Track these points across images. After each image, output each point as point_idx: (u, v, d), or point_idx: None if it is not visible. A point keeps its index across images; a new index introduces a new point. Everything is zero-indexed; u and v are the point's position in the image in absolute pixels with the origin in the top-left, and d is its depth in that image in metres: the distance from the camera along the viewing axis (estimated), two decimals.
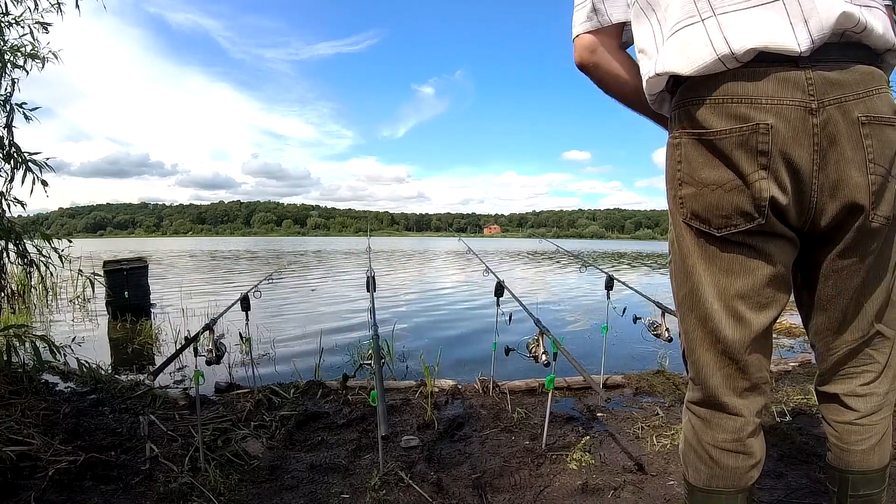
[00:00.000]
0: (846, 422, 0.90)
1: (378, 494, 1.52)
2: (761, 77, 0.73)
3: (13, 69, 2.65)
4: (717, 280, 0.81)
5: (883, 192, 0.76)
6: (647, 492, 1.56)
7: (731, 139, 0.74)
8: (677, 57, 0.77)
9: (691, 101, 0.78)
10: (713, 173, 0.77)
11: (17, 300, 3.08)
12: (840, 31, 0.72)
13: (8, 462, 1.59)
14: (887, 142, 0.74)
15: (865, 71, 0.74)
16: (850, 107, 0.72)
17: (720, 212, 0.77)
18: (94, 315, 5.39)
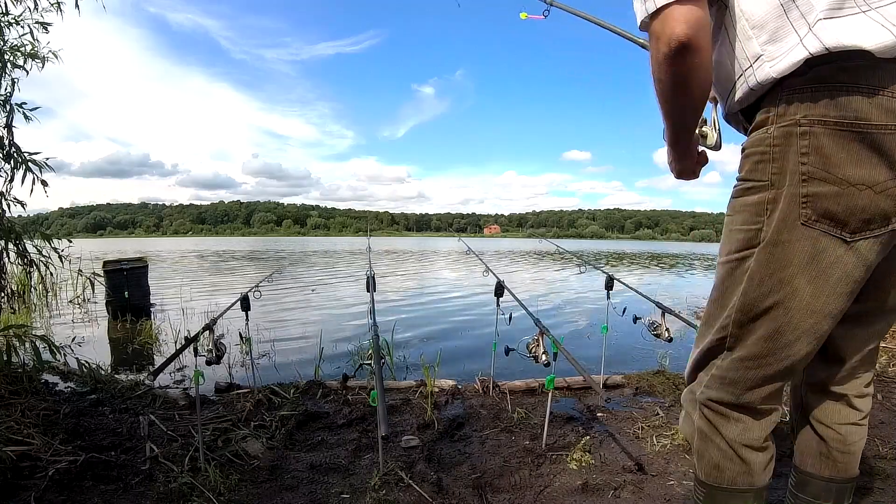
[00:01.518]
0: (851, 423, 0.90)
1: (378, 494, 1.52)
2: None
3: (13, 69, 2.65)
4: (818, 294, 0.76)
5: None
6: (647, 492, 1.56)
7: (893, 136, 0.68)
8: (859, 33, 0.67)
9: (838, 88, 0.70)
10: (862, 171, 0.70)
11: (17, 300, 3.08)
12: None
13: (8, 462, 1.59)
14: None
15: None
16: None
17: (864, 214, 0.71)
18: (94, 315, 5.39)
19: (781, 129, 0.74)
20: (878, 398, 2.38)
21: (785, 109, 0.73)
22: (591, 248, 40.09)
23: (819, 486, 0.93)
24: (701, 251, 38.58)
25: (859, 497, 1.52)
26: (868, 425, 0.92)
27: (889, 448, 1.84)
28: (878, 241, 0.73)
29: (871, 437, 1.95)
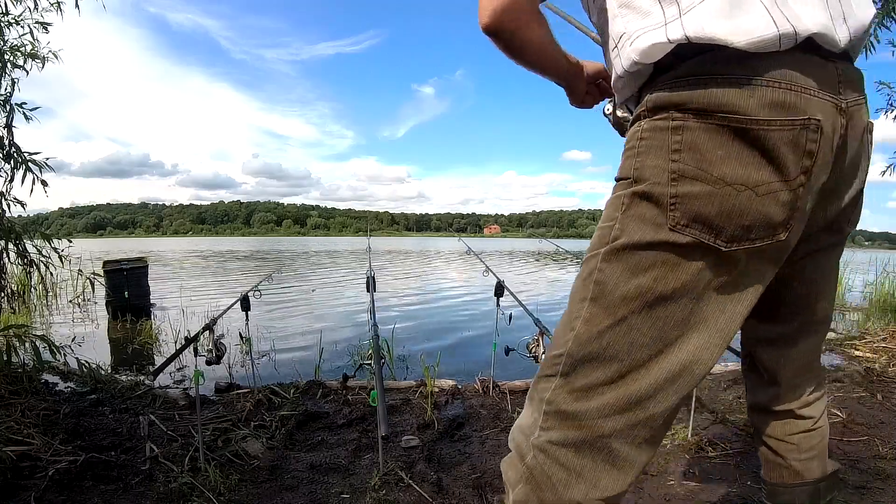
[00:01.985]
0: (802, 431, 0.86)
1: (378, 494, 1.52)
2: (808, 64, 0.61)
3: (13, 69, 2.65)
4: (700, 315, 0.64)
5: (856, 201, 0.74)
6: (647, 492, 1.56)
7: (780, 133, 0.59)
8: (725, 23, 0.60)
9: (715, 79, 0.61)
10: (742, 170, 0.60)
11: (17, 300, 3.08)
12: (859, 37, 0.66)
13: (8, 462, 1.59)
14: (868, 150, 0.72)
15: (860, 73, 0.68)
16: (862, 111, 0.66)
17: (742, 220, 0.60)
18: (94, 315, 5.39)
19: (653, 122, 0.65)
20: (879, 398, 2.38)
21: (657, 102, 0.65)
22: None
23: (788, 494, 0.89)
24: None
25: (859, 497, 1.52)
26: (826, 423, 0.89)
27: (889, 448, 1.84)
28: (762, 254, 0.62)
29: (871, 437, 1.95)
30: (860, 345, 3.55)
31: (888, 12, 3.39)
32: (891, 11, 3.38)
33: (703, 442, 1.88)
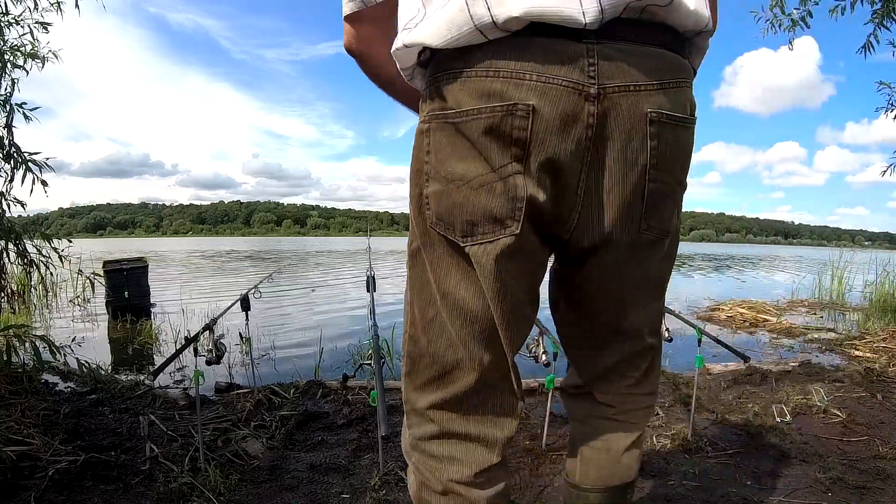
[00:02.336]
0: (605, 417, 0.82)
1: (378, 494, 1.52)
2: (529, 48, 0.57)
3: (13, 69, 2.65)
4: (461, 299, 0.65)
5: (661, 204, 0.65)
6: (646, 492, 1.56)
7: (481, 121, 0.58)
8: (429, 24, 0.60)
9: (443, 76, 0.61)
10: (460, 165, 0.60)
11: (17, 300, 3.08)
12: (639, 3, 0.57)
13: (8, 462, 1.59)
14: (677, 146, 0.63)
15: (665, 58, 0.61)
16: (640, 98, 0.59)
17: (464, 215, 0.61)
18: (94, 315, 5.39)
19: (417, 128, 0.66)
20: (879, 398, 2.38)
21: (421, 107, 0.66)
22: None
23: (588, 498, 0.83)
24: (701, 251, 38.57)
25: (859, 497, 1.52)
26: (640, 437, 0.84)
27: (889, 448, 1.84)
28: (496, 248, 0.61)
29: (871, 437, 1.95)
30: (860, 345, 3.55)
31: (888, 12, 3.39)
32: (891, 12, 3.38)
33: (703, 442, 1.88)
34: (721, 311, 5.48)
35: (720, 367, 2.90)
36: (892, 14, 3.38)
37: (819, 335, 4.18)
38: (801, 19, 3.62)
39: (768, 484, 1.60)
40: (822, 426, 2.07)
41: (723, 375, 2.77)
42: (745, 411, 2.21)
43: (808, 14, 3.58)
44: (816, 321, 5.11)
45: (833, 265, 7.03)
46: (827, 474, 1.64)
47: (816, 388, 2.41)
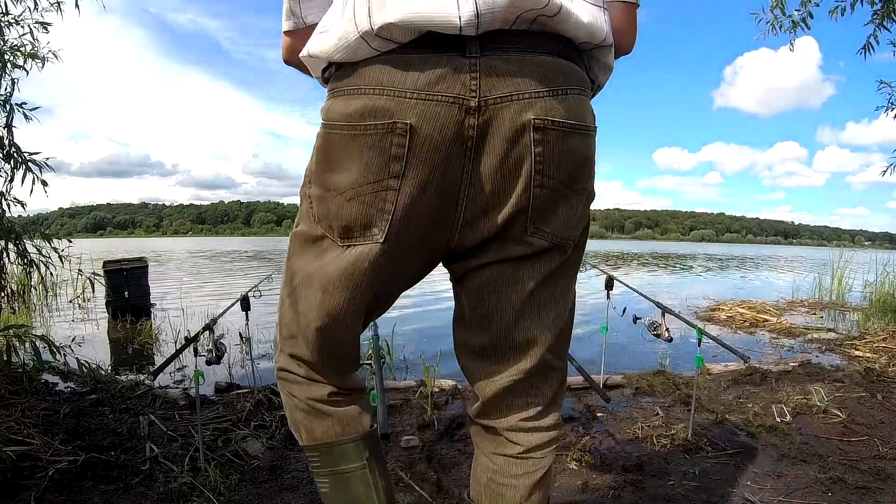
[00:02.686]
0: (509, 455, 0.78)
1: None
2: (412, 63, 0.59)
3: (13, 69, 2.65)
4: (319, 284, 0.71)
5: (552, 209, 0.65)
6: (647, 492, 1.56)
7: (361, 137, 0.61)
8: (329, 36, 0.63)
9: (333, 89, 0.66)
10: (336, 177, 0.65)
11: (17, 300, 3.08)
12: (521, 10, 0.58)
13: (8, 462, 1.59)
14: (567, 152, 0.63)
15: (555, 66, 0.61)
16: (523, 106, 0.60)
17: (340, 221, 0.66)
18: (94, 315, 5.39)
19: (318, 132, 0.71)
20: (879, 398, 2.38)
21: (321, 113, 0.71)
22: (591, 248, 40.08)
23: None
24: (701, 251, 38.58)
25: (859, 497, 1.52)
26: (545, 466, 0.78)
27: (889, 448, 1.84)
28: (364, 251, 0.66)
29: (871, 437, 1.95)
30: (860, 345, 3.55)
31: (888, 13, 3.39)
32: (891, 12, 3.38)
33: (703, 442, 1.88)
34: (721, 311, 5.48)
35: (720, 367, 2.90)
36: (892, 15, 3.38)
37: (819, 335, 4.18)
38: (801, 20, 3.62)
39: (768, 484, 1.60)
40: (822, 426, 2.07)
41: (723, 375, 2.77)
42: (745, 411, 2.21)
43: (809, 15, 3.58)
44: (816, 321, 5.11)
45: (833, 265, 7.03)
46: (827, 474, 1.64)
47: (816, 388, 2.41)
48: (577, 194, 0.67)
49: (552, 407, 0.80)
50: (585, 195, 0.69)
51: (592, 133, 0.66)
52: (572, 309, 0.79)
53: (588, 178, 0.68)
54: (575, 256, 0.74)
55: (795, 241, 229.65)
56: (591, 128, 0.66)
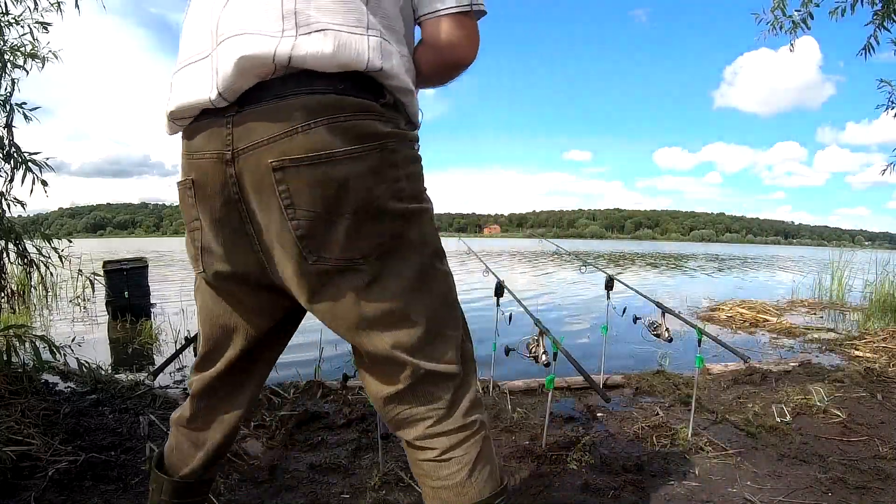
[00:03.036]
0: (429, 459, 0.79)
1: (378, 494, 1.52)
2: (196, 132, 0.73)
3: (13, 69, 2.65)
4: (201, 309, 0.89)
5: (323, 235, 0.69)
6: (647, 492, 1.56)
7: (181, 193, 0.79)
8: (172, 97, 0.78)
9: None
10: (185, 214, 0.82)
11: (17, 300, 3.08)
12: (254, 74, 0.66)
13: (8, 462, 1.59)
14: (315, 183, 0.66)
15: (298, 104, 0.66)
16: (263, 152, 0.66)
17: (188, 252, 0.85)
18: (94, 315, 5.39)
19: None
20: (879, 398, 2.38)
21: None
22: (591, 248, 40.09)
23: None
24: (701, 251, 38.58)
25: (859, 497, 1.52)
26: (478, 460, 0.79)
27: (889, 448, 1.84)
28: (199, 280, 0.88)
29: (871, 437, 1.95)
30: (860, 345, 3.55)
31: (888, 14, 3.39)
32: (891, 13, 3.37)
33: (703, 442, 1.88)
34: (721, 311, 5.48)
35: (720, 367, 2.90)
36: (892, 15, 3.38)
37: (819, 335, 4.18)
38: (802, 21, 3.62)
39: (768, 484, 1.60)
40: (822, 426, 2.07)
41: (723, 375, 2.77)
42: (745, 411, 2.21)
43: (810, 16, 3.58)
44: (816, 321, 5.11)
45: (833, 265, 7.03)
46: (827, 474, 1.64)
47: (816, 388, 2.41)
48: (353, 216, 0.69)
49: (454, 409, 0.79)
50: (371, 212, 0.70)
51: (351, 156, 0.67)
52: (435, 310, 0.77)
53: (357, 200, 0.68)
54: (395, 263, 0.74)
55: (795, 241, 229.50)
56: (346, 152, 0.67)
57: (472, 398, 0.81)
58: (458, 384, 0.80)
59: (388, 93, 0.72)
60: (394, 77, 0.71)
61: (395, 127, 0.72)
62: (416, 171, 0.76)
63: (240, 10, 0.67)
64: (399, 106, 0.75)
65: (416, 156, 0.77)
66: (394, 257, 0.73)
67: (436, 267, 0.78)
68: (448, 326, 0.79)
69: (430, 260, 0.78)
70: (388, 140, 0.70)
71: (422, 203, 0.77)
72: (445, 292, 0.80)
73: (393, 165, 0.71)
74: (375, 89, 0.71)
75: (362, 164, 0.68)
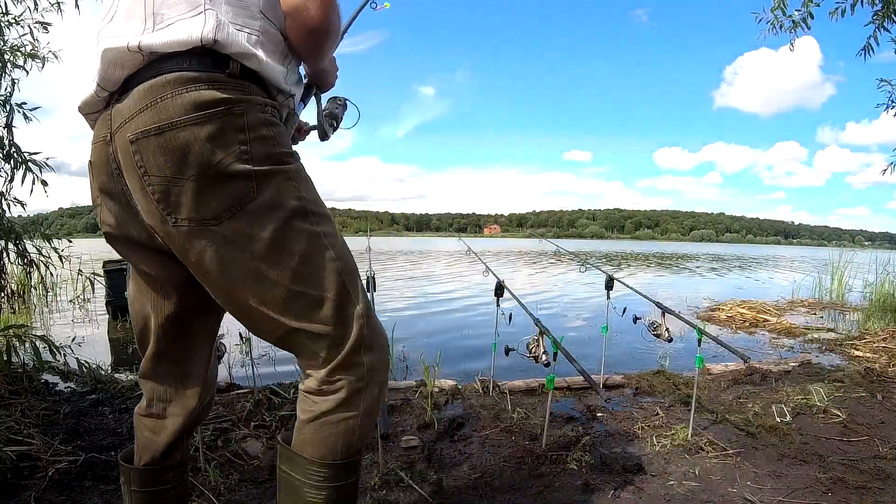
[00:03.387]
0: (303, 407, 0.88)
1: (378, 494, 1.52)
2: (95, 123, 0.86)
3: (13, 69, 2.65)
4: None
5: (174, 198, 0.75)
6: (647, 492, 1.56)
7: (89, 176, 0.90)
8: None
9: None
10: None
11: (17, 300, 3.08)
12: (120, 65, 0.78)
13: (8, 462, 1.59)
14: (162, 150, 0.74)
15: (148, 86, 0.76)
16: (126, 129, 0.77)
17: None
18: (94, 315, 5.39)
19: None
20: (879, 398, 2.38)
21: None
22: (592, 248, 40.09)
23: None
24: (701, 251, 38.57)
25: (859, 497, 1.52)
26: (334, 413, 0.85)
27: (889, 448, 1.84)
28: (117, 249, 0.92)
29: (871, 437, 1.95)
30: (860, 345, 3.55)
31: (888, 14, 3.39)
32: (891, 13, 3.37)
33: (703, 442, 1.88)
34: (721, 311, 5.49)
35: (720, 367, 2.90)
36: (892, 15, 3.38)
37: (819, 335, 4.18)
38: (801, 21, 3.62)
39: (768, 484, 1.60)
40: (822, 426, 2.07)
41: (723, 375, 2.77)
42: (745, 411, 2.21)
43: (810, 15, 3.58)
44: (816, 321, 5.11)
45: (833, 265, 7.03)
46: (827, 474, 1.64)
47: (816, 388, 2.41)
48: (198, 178, 0.75)
49: (323, 368, 0.84)
50: (214, 174, 0.76)
51: (193, 123, 0.74)
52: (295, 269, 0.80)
53: (200, 163, 0.75)
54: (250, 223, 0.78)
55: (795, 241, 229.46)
56: (188, 119, 0.74)
57: (349, 361, 0.83)
58: (331, 345, 0.83)
59: (232, 62, 0.78)
60: (229, 46, 0.77)
61: (242, 93, 0.78)
62: (268, 133, 0.80)
63: (116, 21, 0.80)
64: (249, 73, 0.81)
65: (268, 119, 0.81)
66: (248, 218, 0.77)
67: (296, 227, 0.80)
68: (312, 287, 0.81)
69: (290, 220, 0.80)
70: (234, 105, 0.76)
71: (277, 164, 0.80)
72: (309, 252, 0.81)
73: (239, 129, 0.76)
74: (220, 61, 0.78)
75: (204, 129, 0.74)
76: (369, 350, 0.85)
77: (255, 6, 0.82)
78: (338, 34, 0.92)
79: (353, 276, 0.88)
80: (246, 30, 0.81)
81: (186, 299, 0.92)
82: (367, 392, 0.85)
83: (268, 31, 0.84)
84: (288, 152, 0.83)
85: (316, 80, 1.07)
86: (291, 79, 0.91)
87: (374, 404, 0.87)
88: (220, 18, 0.77)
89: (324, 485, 0.86)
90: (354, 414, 0.84)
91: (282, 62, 0.87)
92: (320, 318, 0.81)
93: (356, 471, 0.90)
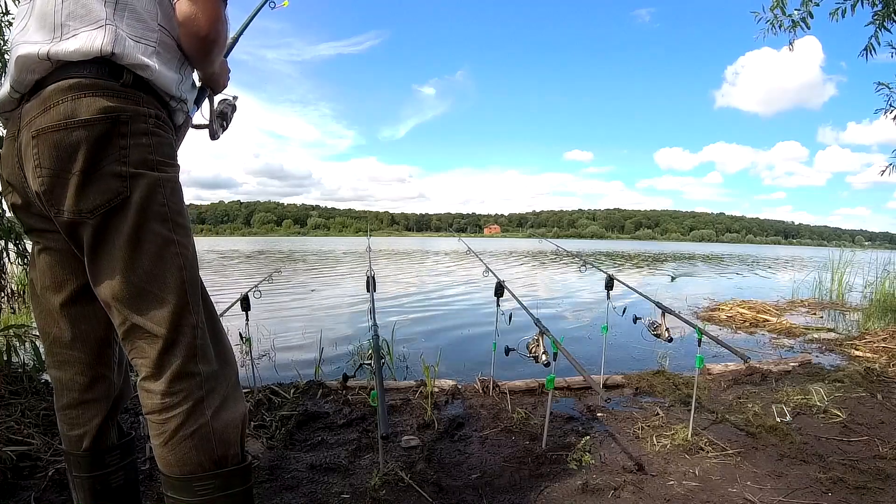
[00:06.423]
0: (147, 412, 0.90)
1: (378, 494, 1.52)
2: (6, 120, 0.94)
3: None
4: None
5: (59, 191, 0.84)
6: (647, 492, 1.56)
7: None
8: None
9: None
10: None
11: (17, 300, 3.08)
12: (30, 70, 0.85)
13: (8, 462, 1.59)
14: (54, 146, 0.83)
15: (51, 90, 0.84)
16: (30, 126, 0.85)
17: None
18: None
19: None
20: (879, 398, 2.38)
21: None
22: (592, 248, 40.09)
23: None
24: (702, 251, 38.57)
25: (859, 497, 1.52)
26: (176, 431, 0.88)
27: (889, 448, 1.84)
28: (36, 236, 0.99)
29: (872, 437, 1.95)
30: (860, 345, 3.55)
31: (888, 14, 3.38)
32: (891, 13, 3.37)
33: (703, 442, 1.88)
34: (721, 311, 5.48)
35: (720, 367, 2.90)
36: (892, 16, 3.38)
37: (819, 335, 4.18)
38: (801, 20, 3.61)
39: (768, 484, 1.60)
40: (822, 426, 2.07)
41: (723, 375, 2.77)
42: (745, 411, 2.21)
43: (809, 15, 3.58)
44: (816, 321, 5.11)
45: (833, 265, 7.03)
46: (827, 474, 1.64)
47: (816, 388, 2.41)
48: (81, 175, 0.83)
49: (162, 374, 0.88)
50: (94, 173, 0.84)
51: (84, 125, 0.83)
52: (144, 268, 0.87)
53: (84, 161, 0.83)
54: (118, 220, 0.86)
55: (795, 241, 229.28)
56: (80, 122, 0.83)
57: (184, 371, 0.88)
58: (164, 348, 0.88)
59: (126, 72, 0.87)
60: (125, 57, 0.86)
61: (132, 103, 0.86)
62: (147, 142, 0.88)
63: (29, 30, 0.88)
64: (142, 83, 0.89)
65: (152, 130, 0.89)
66: (117, 216, 0.86)
67: (154, 229, 0.88)
68: (156, 287, 0.88)
69: (150, 221, 0.87)
70: (121, 113, 0.85)
71: (150, 170, 0.88)
72: (161, 254, 0.88)
73: (122, 135, 0.85)
74: (116, 71, 0.86)
75: (92, 131, 0.83)
76: (204, 360, 0.91)
77: (154, 20, 0.91)
78: (224, 42, 1.02)
79: (196, 288, 0.93)
80: (143, 41, 0.89)
81: (83, 278, 0.97)
82: (210, 399, 0.90)
83: (164, 42, 0.93)
84: (164, 161, 0.91)
85: (208, 83, 1.15)
86: (186, 84, 1.00)
87: (220, 408, 0.91)
88: (119, 32, 0.86)
89: (215, 496, 0.90)
90: (203, 422, 0.88)
91: (178, 70, 0.96)
92: (158, 318, 0.87)
93: (246, 477, 0.94)
